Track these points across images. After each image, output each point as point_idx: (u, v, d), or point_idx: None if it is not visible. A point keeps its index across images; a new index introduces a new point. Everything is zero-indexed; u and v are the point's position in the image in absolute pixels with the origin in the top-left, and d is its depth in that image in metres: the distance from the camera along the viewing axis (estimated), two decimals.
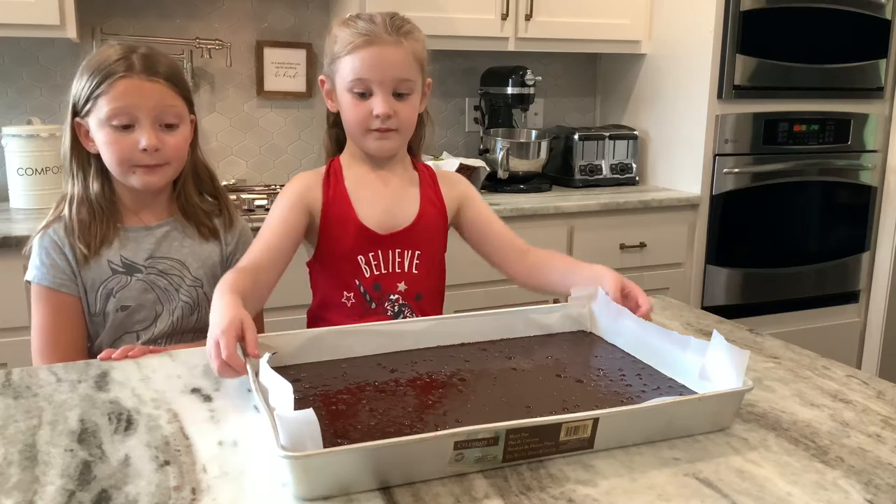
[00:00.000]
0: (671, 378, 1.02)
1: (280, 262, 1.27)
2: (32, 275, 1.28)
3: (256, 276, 1.19)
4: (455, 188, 1.43)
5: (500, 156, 2.62)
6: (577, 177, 2.80)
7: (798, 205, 2.83)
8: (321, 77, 1.36)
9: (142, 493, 0.76)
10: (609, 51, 2.91)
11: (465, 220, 1.43)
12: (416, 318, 1.22)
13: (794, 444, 0.89)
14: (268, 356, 0.93)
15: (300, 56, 2.65)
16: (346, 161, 1.38)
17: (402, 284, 1.35)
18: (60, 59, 2.38)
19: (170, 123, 1.28)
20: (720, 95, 2.62)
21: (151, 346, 1.20)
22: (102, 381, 1.05)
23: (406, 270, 1.35)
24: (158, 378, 1.06)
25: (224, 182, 2.57)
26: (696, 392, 0.96)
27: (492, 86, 2.79)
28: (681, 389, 0.99)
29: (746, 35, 2.59)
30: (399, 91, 1.29)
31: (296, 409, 0.77)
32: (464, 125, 2.95)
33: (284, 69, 2.64)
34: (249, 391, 1.01)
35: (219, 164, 2.63)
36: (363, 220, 1.33)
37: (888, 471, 0.83)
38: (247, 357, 0.95)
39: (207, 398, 0.99)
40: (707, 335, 1.26)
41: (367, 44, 1.25)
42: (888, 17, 2.80)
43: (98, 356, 1.14)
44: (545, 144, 2.72)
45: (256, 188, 2.58)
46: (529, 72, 2.70)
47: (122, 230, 1.32)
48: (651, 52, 2.84)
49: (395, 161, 1.38)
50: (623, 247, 2.56)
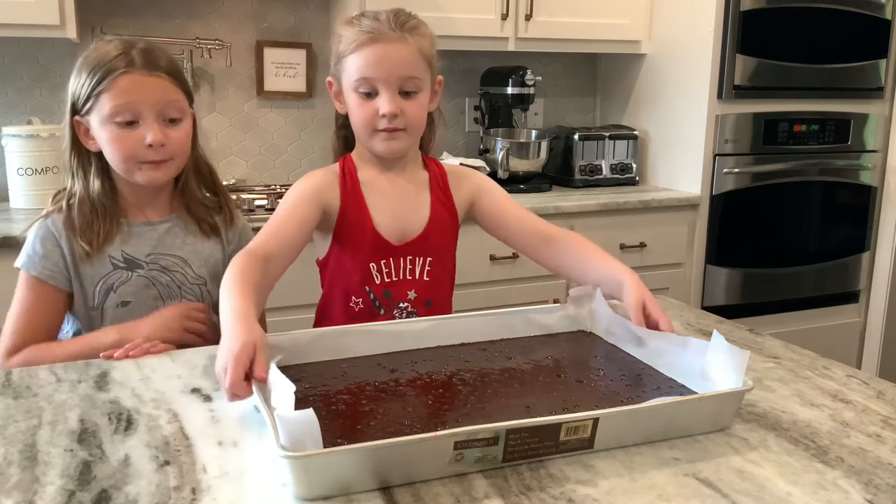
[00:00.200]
0: (671, 378, 1.02)
1: (291, 254, 1.23)
2: (22, 262, 1.27)
3: (266, 266, 1.14)
4: (465, 183, 1.40)
5: (500, 156, 2.62)
6: (577, 177, 2.80)
7: (798, 205, 2.83)
8: (328, 78, 1.33)
9: (142, 493, 0.76)
10: (609, 51, 2.91)
11: (481, 212, 1.40)
12: (417, 319, 1.21)
13: (794, 444, 0.89)
14: (276, 360, 0.92)
15: (300, 56, 2.65)
16: (358, 162, 1.35)
17: (413, 293, 1.33)
18: (60, 59, 2.38)
19: (173, 118, 1.27)
20: (720, 95, 2.62)
21: (151, 345, 1.18)
22: (102, 381, 1.05)
23: (417, 278, 1.33)
24: (158, 378, 1.06)
25: (224, 182, 2.57)
26: (697, 392, 0.96)
27: (492, 86, 2.79)
28: (681, 389, 0.99)
29: (746, 35, 2.59)
30: (406, 89, 1.25)
31: (296, 409, 0.77)
32: (464, 125, 2.95)
33: (284, 69, 2.64)
34: None
35: (219, 164, 2.63)
36: (378, 229, 1.30)
37: (888, 471, 0.83)
38: (253, 377, 0.90)
39: (207, 398, 0.99)
40: (707, 335, 1.26)
41: (371, 41, 1.23)
42: (888, 17, 2.80)
43: (100, 354, 1.14)
44: (545, 144, 2.72)
45: (256, 188, 2.58)
46: (529, 72, 2.70)
47: (126, 225, 1.31)
48: (651, 52, 2.84)
49: (405, 162, 1.35)
50: (623, 247, 2.56)
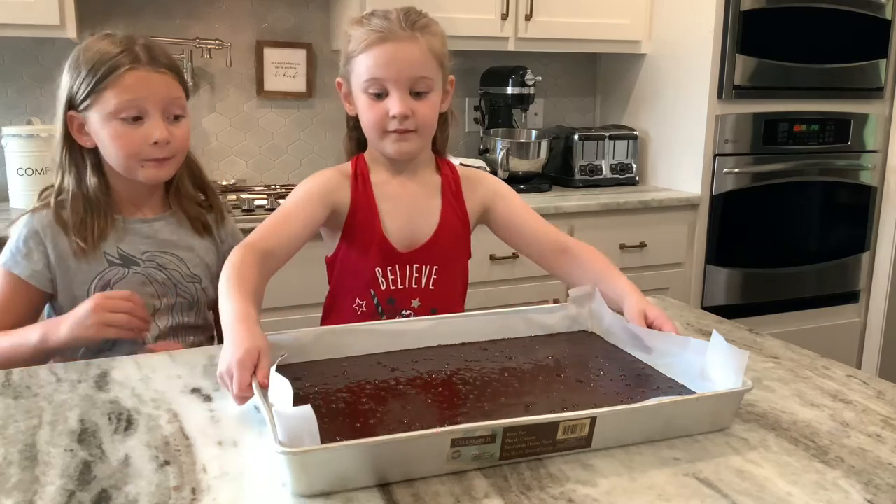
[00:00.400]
0: (671, 378, 1.02)
1: (290, 251, 1.22)
2: (4, 259, 1.26)
3: (264, 262, 1.14)
4: (479, 188, 1.37)
5: (500, 156, 2.62)
6: (577, 177, 2.80)
7: (798, 205, 2.83)
8: (337, 79, 1.30)
9: (142, 493, 0.76)
10: (609, 51, 2.91)
11: (495, 219, 1.37)
12: (418, 318, 1.20)
13: (794, 444, 0.89)
14: (279, 359, 0.92)
15: (300, 56, 2.65)
16: (370, 163, 1.32)
17: (417, 301, 1.31)
18: (60, 59, 2.35)
19: (177, 115, 1.27)
20: (720, 95, 2.62)
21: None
22: (102, 381, 1.05)
23: (423, 286, 1.31)
24: (158, 378, 1.06)
25: (224, 182, 2.58)
26: (696, 392, 0.96)
27: (492, 86, 2.79)
28: (680, 389, 0.99)
29: (746, 35, 2.59)
30: (416, 89, 1.23)
31: (294, 406, 0.77)
32: (464, 125, 2.95)
33: (284, 69, 2.64)
34: None
35: (219, 165, 2.64)
36: (386, 234, 1.29)
37: (888, 471, 0.83)
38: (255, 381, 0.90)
39: (207, 398, 0.99)
40: (707, 335, 1.26)
41: (381, 41, 1.20)
42: (888, 17, 2.80)
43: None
44: (545, 144, 2.72)
45: (256, 188, 2.58)
46: (529, 72, 2.70)
47: (121, 221, 1.29)
48: (651, 52, 2.84)
49: (417, 164, 1.33)
50: (623, 247, 2.56)
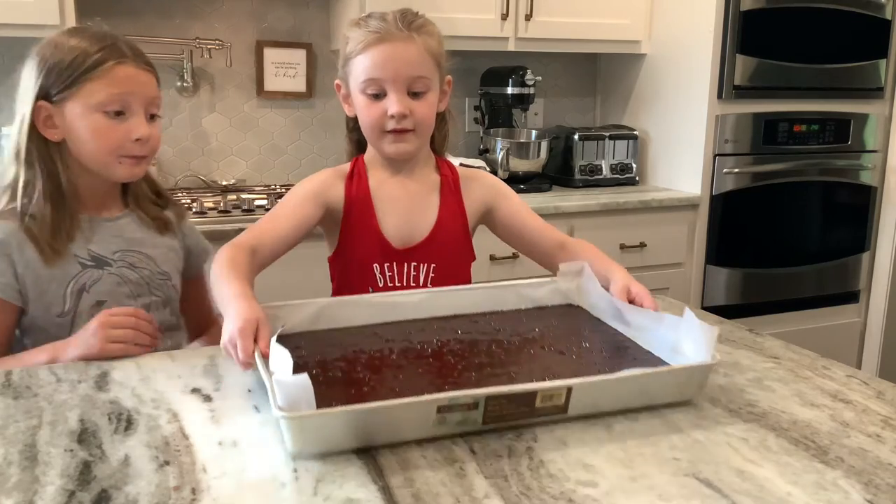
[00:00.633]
0: (648, 351, 1.06)
1: (279, 250, 1.24)
2: None
3: (253, 257, 1.16)
4: (479, 188, 1.39)
5: (500, 156, 2.62)
6: (577, 177, 2.80)
7: (798, 205, 2.83)
8: (336, 81, 1.32)
9: (142, 493, 0.76)
10: (609, 51, 2.91)
11: (496, 219, 1.39)
12: (412, 291, 1.23)
13: (794, 444, 0.89)
14: (279, 329, 0.95)
15: (300, 56, 2.65)
16: (369, 163, 1.34)
17: None
18: None
19: (154, 114, 1.25)
20: (720, 95, 2.62)
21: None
22: (102, 382, 1.05)
23: (421, 285, 1.32)
24: (158, 378, 1.06)
25: (224, 182, 2.59)
26: (669, 364, 1.01)
27: (492, 86, 2.79)
28: (656, 362, 1.03)
29: (746, 35, 2.59)
30: (414, 89, 1.24)
31: (293, 375, 0.82)
32: (464, 125, 2.95)
33: (284, 69, 2.64)
34: (249, 391, 1.01)
35: (219, 165, 2.64)
36: (382, 231, 1.30)
37: (888, 471, 0.83)
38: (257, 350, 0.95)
39: (207, 398, 0.99)
40: None
41: (378, 41, 1.21)
42: (888, 17, 2.80)
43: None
44: (545, 144, 2.72)
45: (256, 188, 2.58)
46: (529, 72, 2.70)
47: (86, 221, 1.25)
48: (651, 52, 2.84)
49: (416, 164, 1.34)
50: (623, 247, 2.56)
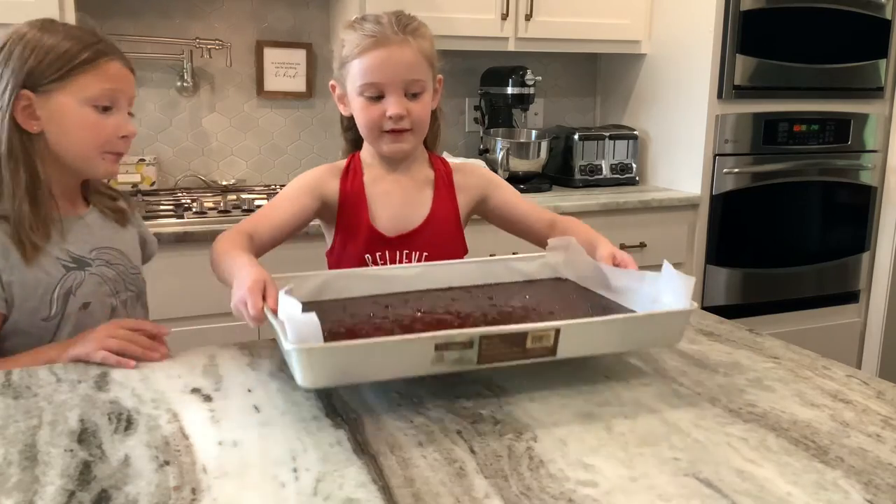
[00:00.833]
0: (632, 309, 1.13)
1: (276, 238, 1.28)
2: None
3: (251, 243, 1.20)
4: (472, 179, 1.44)
5: (500, 156, 2.62)
6: (577, 177, 2.80)
7: (798, 205, 2.83)
8: (331, 82, 1.35)
9: (142, 493, 0.76)
10: (609, 51, 2.91)
11: (489, 208, 1.44)
12: (409, 265, 1.29)
13: (794, 444, 0.89)
14: (286, 289, 1.00)
15: (300, 56, 2.65)
16: (365, 159, 1.38)
17: None
18: None
19: (131, 113, 1.25)
20: (720, 95, 2.62)
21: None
22: (102, 381, 1.05)
23: None
24: (158, 378, 1.06)
25: (224, 182, 2.59)
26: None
27: (492, 86, 2.79)
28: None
29: (746, 35, 2.59)
30: (411, 91, 1.28)
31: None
32: (464, 125, 2.95)
33: (284, 69, 2.64)
34: (249, 391, 1.02)
35: (219, 165, 2.64)
36: (374, 222, 1.34)
37: (888, 471, 0.83)
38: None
39: (207, 398, 0.99)
40: (707, 335, 1.27)
41: (375, 45, 1.24)
42: (888, 17, 2.80)
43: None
44: (545, 144, 2.72)
45: (256, 188, 2.58)
46: (529, 72, 2.70)
47: (58, 221, 1.20)
48: (651, 52, 2.84)
49: (411, 161, 1.38)
50: (623, 247, 2.55)
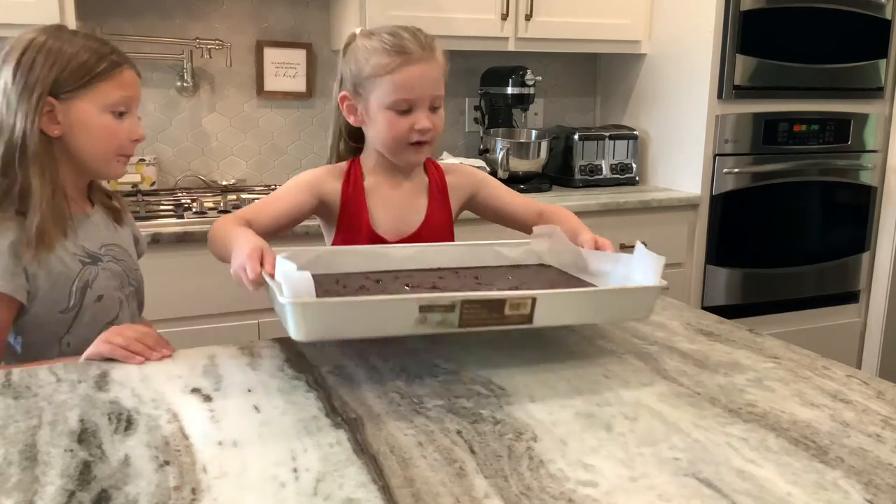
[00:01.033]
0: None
1: (270, 229, 1.31)
2: None
3: (248, 228, 1.24)
4: (462, 179, 1.48)
5: (500, 156, 2.62)
6: (577, 177, 2.80)
7: (798, 205, 2.83)
8: (342, 93, 1.36)
9: (142, 493, 0.76)
10: (609, 51, 2.91)
11: (479, 204, 1.49)
12: (402, 245, 1.34)
13: (794, 444, 0.89)
14: (284, 254, 1.05)
15: (300, 56, 2.65)
16: (367, 165, 1.41)
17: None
18: None
19: (139, 117, 1.32)
20: (720, 95, 2.62)
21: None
22: (102, 382, 1.05)
23: None
24: (158, 378, 1.06)
25: (224, 182, 2.59)
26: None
27: (492, 86, 2.79)
28: None
29: (746, 35, 2.59)
30: (434, 105, 1.33)
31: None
32: (464, 125, 2.95)
33: (284, 69, 2.64)
34: (249, 391, 1.02)
35: (219, 165, 2.64)
36: (375, 225, 1.38)
37: (888, 471, 0.83)
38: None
39: (207, 398, 1.00)
40: (707, 335, 1.27)
41: (408, 63, 1.28)
42: (888, 17, 2.80)
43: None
44: (545, 144, 2.72)
45: (256, 188, 2.58)
46: (529, 72, 2.70)
47: (71, 219, 1.28)
48: (651, 52, 2.84)
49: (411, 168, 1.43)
50: (623, 247, 2.55)
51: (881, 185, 2.94)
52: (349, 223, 1.38)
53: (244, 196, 2.35)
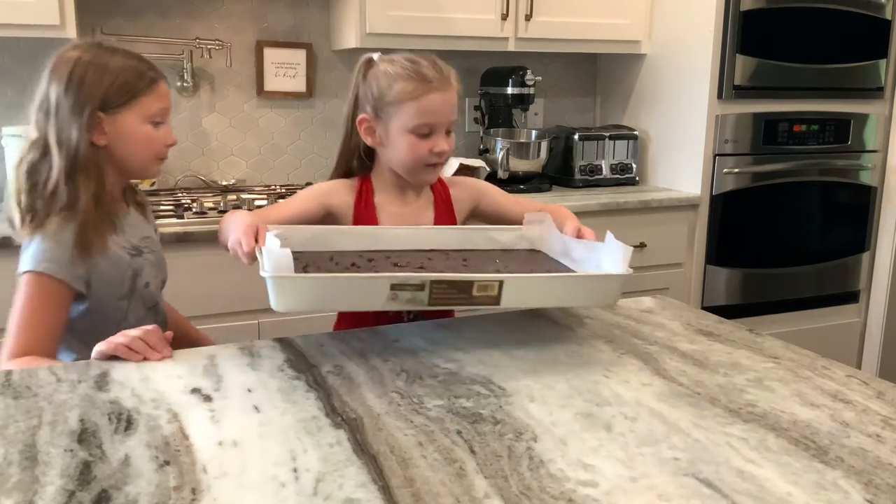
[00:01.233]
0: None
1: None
2: (44, 266, 1.27)
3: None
4: (465, 191, 1.54)
5: (500, 156, 2.62)
6: (577, 177, 2.80)
7: (798, 205, 2.83)
8: (363, 116, 1.39)
9: (142, 493, 0.76)
10: (609, 51, 2.91)
11: (482, 212, 1.55)
12: (396, 227, 1.40)
13: (794, 444, 0.89)
14: (275, 232, 1.14)
15: (300, 56, 2.65)
16: (377, 183, 1.46)
17: None
18: None
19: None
20: (720, 95, 2.62)
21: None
22: (102, 381, 1.05)
23: None
24: (158, 378, 1.06)
25: (224, 182, 2.59)
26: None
27: (492, 86, 2.79)
28: None
29: (746, 35, 2.59)
30: (449, 129, 1.40)
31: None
32: (464, 125, 2.94)
33: (284, 69, 2.64)
34: (249, 391, 1.02)
35: (219, 165, 2.64)
36: None
37: (888, 471, 0.83)
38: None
39: (207, 398, 1.00)
40: (707, 335, 1.27)
41: (431, 90, 1.34)
42: (888, 17, 2.80)
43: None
44: (545, 144, 2.72)
45: (256, 188, 2.58)
46: (529, 72, 2.70)
47: (116, 216, 1.41)
48: (651, 52, 2.84)
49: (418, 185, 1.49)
50: None
51: (881, 185, 2.94)
52: None
53: (244, 196, 2.35)
